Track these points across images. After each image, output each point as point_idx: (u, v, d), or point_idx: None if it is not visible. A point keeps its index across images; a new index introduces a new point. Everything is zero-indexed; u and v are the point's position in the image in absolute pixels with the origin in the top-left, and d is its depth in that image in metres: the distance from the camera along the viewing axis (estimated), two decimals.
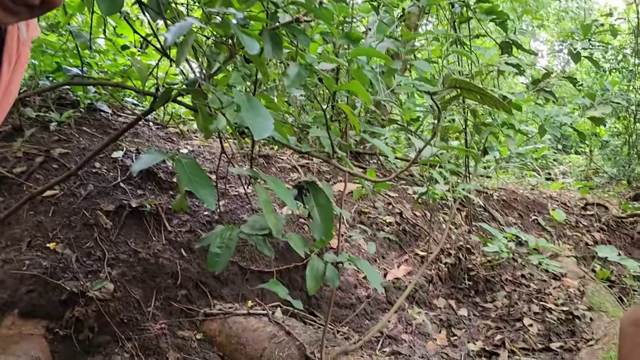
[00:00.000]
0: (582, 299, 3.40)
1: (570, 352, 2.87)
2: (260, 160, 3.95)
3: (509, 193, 5.01)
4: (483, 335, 3.15)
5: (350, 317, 3.02)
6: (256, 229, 1.80)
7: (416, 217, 3.93)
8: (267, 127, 1.27)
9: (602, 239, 4.62)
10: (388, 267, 3.42)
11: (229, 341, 2.51)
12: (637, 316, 0.89)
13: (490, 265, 3.77)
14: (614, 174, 7.14)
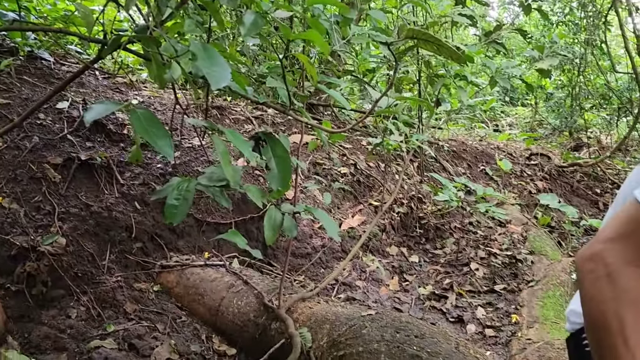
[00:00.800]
0: (524, 244, 3.59)
1: (512, 293, 3.05)
2: (213, 111, 3.88)
3: (459, 144, 5.15)
4: (433, 279, 3.30)
5: (306, 266, 3.09)
6: (213, 181, 1.79)
7: (370, 168, 4.00)
8: (225, 76, 1.24)
9: (545, 187, 4.85)
10: (343, 217, 3.49)
11: (187, 292, 2.53)
12: (593, 251, 0.92)
13: (440, 213, 3.91)
14: (557, 125, 7.42)
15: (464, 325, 2.79)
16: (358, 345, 1.80)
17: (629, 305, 0.86)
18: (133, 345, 2.11)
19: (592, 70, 6.63)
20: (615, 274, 0.88)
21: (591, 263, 0.91)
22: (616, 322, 0.85)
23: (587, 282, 0.91)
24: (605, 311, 0.87)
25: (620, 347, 0.84)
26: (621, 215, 0.93)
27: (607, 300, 0.87)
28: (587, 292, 0.92)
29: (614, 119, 6.65)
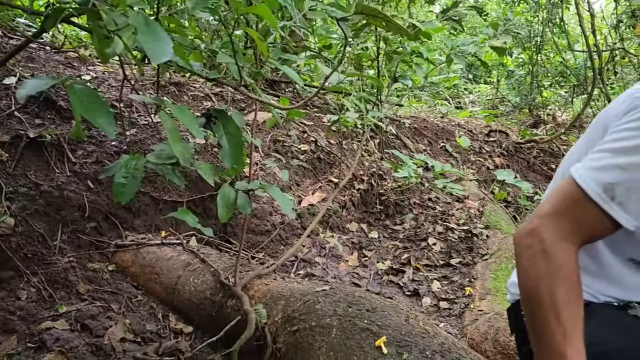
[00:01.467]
0: (480, 219, 3.68)
1: (467, 266, 3.14)
2: (171, 88, 3.80)
3: (420, 121, 5.19)
4: (391, 255, 3.36)
5: (265, 243, 3.09)
6: (163, 158, 1.76)
7: (331, 145, 4.00)
8: (166, 51, 1.21)
9: (502, 163, 4.96)
10: (303, 194, 3.50)
11: (143, 271, 2.51)
12: (530, 227, 0.94)
13: (400, 189, 3.96)
14: (517, 103, 7.56)
15: (420, 298, 2.86)
16: (311, 320, 1.83)
17: (562, 281, 0.88)
18: (86, 326, 2.08)
19: (550, 48, 6.75)
20: (550, 249, 0.90)
21: (528, 238, 0.94)
22: (548, 297, 0.88)
23: (523, 258, 0.94)
24: (539, 286, 0.89)
25: (552, 322, 0.87)
26: (558, 191, 0.95)
27: (541, 275, 0.90)
28: (522, 267, 0.94)
29: (570, 96, 6.81)
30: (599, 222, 0.90)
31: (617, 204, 0.87)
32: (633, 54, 5.84)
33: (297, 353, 1.77)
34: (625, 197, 0.86)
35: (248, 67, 2.20)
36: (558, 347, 0.86)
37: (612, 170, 0.88)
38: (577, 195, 0.90)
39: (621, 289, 1.10)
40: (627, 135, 0.89)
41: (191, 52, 2.12)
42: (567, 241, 0.90)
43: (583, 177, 0.90)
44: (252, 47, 3.37)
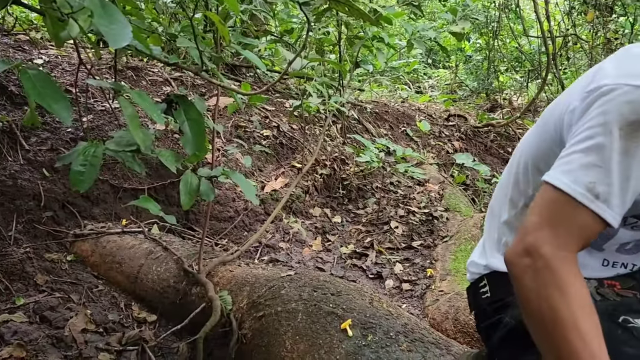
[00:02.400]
0: (441, 202, 3.76)
1: (428, 249, 3.21)
2: (128, 72, 3.70)
3: (381, 106, 5.24)
4: (355, 239, 3.40)
5: (228, 230, 3.08)
6: (123, 145, 1.72)
7: (293, 130, 4.00)
8: (125, 35, 1.18)
9: (461, 147, 5.07)
10: (265, 180, 3.49)
11: (103, 260, 2.46)
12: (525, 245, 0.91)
13: (362, 174, 4.00)
14: (474, 87, 7.71)
15: (383, 281, 2.91)
16: (277, 305, 1.84)
17: (576, 296, 0.85)
18: (45, 318, 2.03)
19: (506, 33, 6.90)
20: (553, 264, 0.86)
21: (526, 258, 0.89)
22: (569, 316, 0.83)
23: (527, 279, 0.88)
24: (556, 307, 0.84)
25: (577, 341, 0.82)
26: (540, 202, 0.93)
27: (552, 292, 0.85)
28: (528, 289, 0.89)
29: (525, 81, 6.99)
30: (590, 224, 0.88)
31: (602, 201, 0.86)
32: (584, 40, 6.03)
33: (263, 338, 1.79)
34: (607, 193, 0.86)
35: (208, 51, 2.17)
36: (573, 344, 0.82)
37: (588, 169, 0.87)
38: (562, 200, 0.88)
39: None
40: (591, 133, 0.89)
41: (149, 35, 2.07)
42: (566, 251, 0.87)
43: (562, 181, 0.89)
44: (211, 30, 3.31)
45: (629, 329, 0.95)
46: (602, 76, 0.92)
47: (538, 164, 1.11)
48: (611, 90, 0.88)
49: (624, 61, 0.92)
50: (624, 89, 0.86)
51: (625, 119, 0.85)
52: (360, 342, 1.58)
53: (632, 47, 0.96)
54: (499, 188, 1.31)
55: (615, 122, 0.86)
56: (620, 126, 0.85)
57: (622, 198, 0.86)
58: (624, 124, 0.85)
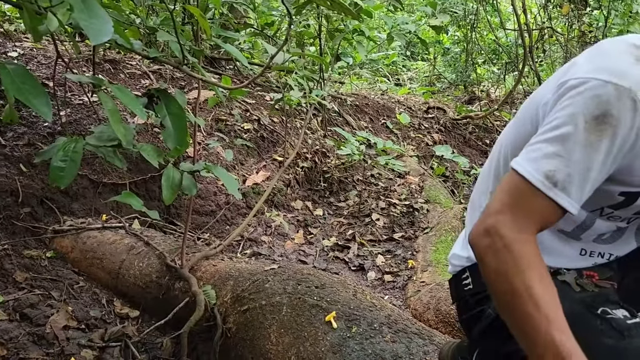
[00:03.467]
0: (421, 194, 3.80)
1: (409, 240, 3.25)
2: (106, 65, 3.64)
3: (362, 98, 5.25)
4: (336, 231, 3.42)
5: (210, 224, 3.07)
6: (104, 140, 1.71)
7: (274, 124, 3.99)
8: (105, 29, 1.16)
9: (440, 139, 5.12)
10: (247, 174, 3.48)
11: (84, 256, 2.43)
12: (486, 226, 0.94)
13: (343, 167, 4.01)
14: (453, 80, 7.77)
15: (365, 272, 2.94)
16: (261, 299, 1.84)
17: (532, 271, 0.88)
18: (25, 315, 2.01)
19: (484, 26, 6.96)
20: (512, 244, 0.90)
21: (487, 238, 0.93)
22: (524, 289, 0.87)
23: (488, 257, 0.93)
24: (512, 281, 0.88)
25: (534, 313, 0.86)
26: (504, 186, 0.96)
27: (511, 270, 0.89)
28: (489, 266, 0.93)
29: (502, 73, 7.08)
30: (547, 210, 0.91)
31: (560, 189, 0.89)
32: (560, 33, 6.13)
33: (248, 332, 1.79)
34: (567, 182, 0.89)
35: (188, 44, 2.15)
36: (546, 335, 0.85)
37: (550, 158, 0.90)
38: (523, 186, 0.92)
39: (552, 257, 1.17)
40: (557, 123, 0.91)
41: (128, 28, 2.04)
42: (525, 232, 0.91)
43: (525, 168, 0.92)
44: (190, 23, 3.28)
45: (608, 320, 0.98)
46: (575, 71, 0.94)
47: (516, 155, 1.13)
48: (581, 83, 0.90)
49: (595, 57, 0.95)
50: (593, 83, 0.89)
51: (591, 113, 0.88)
52: (345, 334, 1.60)
53: (604, 42, 0.99)
54: (479, 181, 1.33)
55: (581, 115, 0.88)
56: (585, 119, 0.88)
57: (581, 188, 0.90)
58: (589, 117, 0.88)
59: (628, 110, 0.86)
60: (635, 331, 0.95)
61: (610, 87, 0.87)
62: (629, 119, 0.87)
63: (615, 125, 0.87)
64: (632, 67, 0.89)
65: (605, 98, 0.87)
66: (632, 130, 0.88)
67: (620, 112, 0.86)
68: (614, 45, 0.95)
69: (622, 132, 0.88)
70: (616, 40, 0.97)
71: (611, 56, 0.93)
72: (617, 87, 0.87)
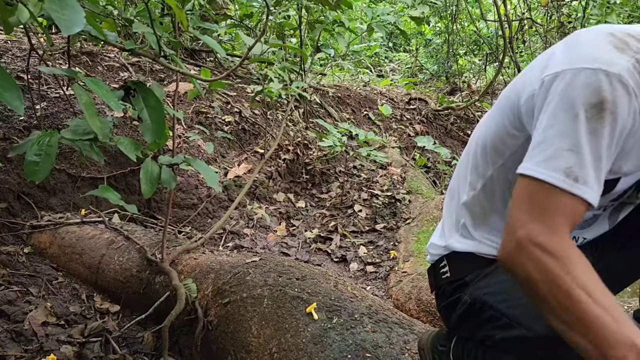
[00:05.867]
0: (403, 185, 3.82)
1: (391, 231, 3.26)
2: (83, 57, 3.59)
3: (344, 90, 5.24)
4: (319, 223, 3.42)
5: (192, 217, 3.05)
6: (80, 134, 1.68)
7: (255, 116, 3.97)
8: (77, 20, 1.14)
9: (422, 130, 5.14)
10: (229, 166, 3.46)
11: (63, 252, 2.41)
12: (518, 242, 0.91)
13: (325, 158, 4.01)
14: (435, 71, 7.80)
15: (347, 264, 2.95)
16: (242, 291, 1.84)
17: (581, 270, 0.86)
18: (3, 312, 1.98)
19: (465, 17, 6.99)
20: (552, 249, 0.87)
21: (522, 251, 0.90)
22: (582, 291, 0.84)
23: (531, 270, 0.88)
24: (566, 287, 0.85)
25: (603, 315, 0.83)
26: (522, 196, 0.93)
27: (561, 276, 0.86)
28: (536, 279, 0.88)
29: (483, 64, 7.12)
30: (574, 207, 0.89)
31: (582, 184, 0.88)
32: (539, 24, 6.17)
33: (229, 325, 1.79)
34: (585, 175, 0.88)
35: (166, 36, 2.12)
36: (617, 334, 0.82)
37: (563, 155, 0.89)
38: (544, 190, 0.89)
39: None
40: (558, 119, 0.91)
41: (104, 20, 2.01)
42: (560, 234, 0.89)
43: (540, 172, 0.90)
44: (169, 14, 3.23)
45: None
46: (557, 62, 0.94)
47: (496, 145, 1.14)
48: (569, 75, 0.90)
49: (576, 47, 0.95)
50: (583, 73, 0.89)
51: (588, 102, 0.87)
52: (326, 325, 1.61)
53: (581, 33, 0.99)
54: (457, 171, 1.34)
55: (580, 106, 0.88)
56: (585, 109, 0.87)
57: (598, 177, 0.89)
58: (588, 107, 0.87)
59: (623, 95, 0.87)
60: None
61: (601, 74, 0.87)
62: (626, 103, 0.88)
63: (614, 110, 0.87)
64: (615, 55, 0.90)
65: (599, 85, 0.87)
66: (630, 114, 0.89)
67: (616, 98, 0.87)
68: (591, 35, 0.96)
69: (621, 117, 0.88)
70: (592, 30, 0.97)
71: (592, 45, 0.93)
72: (608, 74, 0.87)
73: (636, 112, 0.89)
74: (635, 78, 0.88)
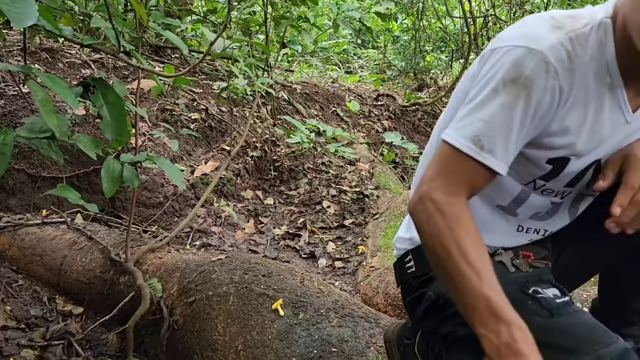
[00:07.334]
0: (371, 180, 3.84)
1: (359, 226, 3.28)
2: (42, 54, 3.49)
3: (312, 86, 5.24)
4: (287, 220, 3.41)
5: (157, 216, 3.01)
6: (36, 132, 1.63)
7: (222, 113, 3.93)
8: (29, 14, 1.11)
9: (390, 126, 5.18)
10: (195, 164, 3.42)
11: (23, 254, 2.34)
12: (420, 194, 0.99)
13: (293, 155, 4.00)
14: (403, 67, 7.86)
15: (316, 260, 2.95)
16: (208, 290, 1.82)
17: (463, 230, 0.94)
18: None
19: (431, 14, 7.06)
20: (443, 207, 0.96)
21: (420, 204, 0.99)
22: (455, 247, 0.93)
23: (422, 222, 0.99)
24: (444, 241, 0.94)
25: (466, 269, 0.91)
26: (436, 157, 1.02)
27: (443, 231, 0.94)
28: (424, 231, 0.98)
29: (450, 61, 7.21)
30: (477, 173, 0.97)
31: (487, 152, 0.94)
32: (503, 20, 6.28)
33: (195, 323, 1.77)
34: (492, 144, 0.94)
35: (128, 32, 2.08)
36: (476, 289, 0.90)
37: (475, 123, 0.95)
38: (452, 154, 0.97)
39: (491, 236, 1.20)
40: (479, 90, 0.97)
41: (62, 15, 1.96)
42: (455, 196, 0.97)
43: (453, 137, 0.97)
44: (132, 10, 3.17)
45: (538, 299, 1.02)
46: (498, 40, 1.00)
47: None
48: (502, 52, 0.96)
49: (515, 28, 1.00)
50: (507, 49, 0.95)
51: (507, 76, 0.93)
52: (292, 321, 1.61)
53: (528, 17, 1.04)
54: (421, 165, 1.35)
55: (500, 80, 0.94)
56: (503, 82, 0.93)
57: (506, 149, 0.96)
58: (507, 80, 0.93)
59: (541, 72, 0.92)
60: (563, 309, 0.99)
61: (523, 50, 0.93)
62: (542, 79, 0.92)
63: (529, 86, 0.92)
64: (547, 33, 0.94)
65: (519, 61, 0.92)
66: (547, 90, 0.93)
67: (534, 74, 0.92)
68: (534, 17, 1.01)
69: (537, 93, 0.93)
70: (538, 14, 1.03)
71: (529, 26, 0.98)
72: (530, 50, 0.92)
73: (555, 89, 0.94)
74: (561, 55, 0.92)
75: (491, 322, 0.88)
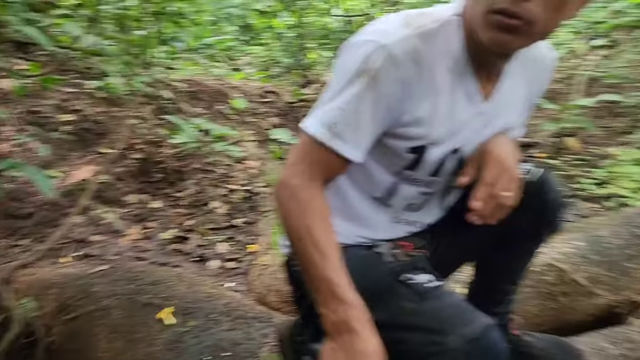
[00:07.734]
0: (260, 178, 3.83)
1: (250, 225, 3.26)
2: None
3: (196, 84, 5.10)
4: (175, 223, 3.30)
5: (29, 228, 2.76)
6: None
7: (99, 114, 3.69)
8: None
9: (278, 123, 5.19)
10: (70, 169, 3.19)
11: None
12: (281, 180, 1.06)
13: (179, 156, 3.87)
14: (289, 64, 7.90)
15: (207, 262, 2.89)
16: (89, 304, 1.72)
17: (313, 214, 1.01)
18: None
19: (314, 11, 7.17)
20: (298, 193, 1.02)
21: (280, 189, 1.05)
22: (305, 231, 0.99)
23: (281, 207, 1.04)
24: (296, 225, 1.00)
25: (315, 253, 0.98)
26: (296, 145, 1.08)
27: (295, 215, 1.01)
28: (281, 214, 1.04)
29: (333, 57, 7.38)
30: (331, 160, 1.04)
31: (339, 139, 1.01)
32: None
33: (75, 342, 1.66)
34: (345, 132, 1.01)
35: None
36: (320, 272, 0.98)
37: (331, 111, 1.02)
38: (309, 141, 1.04)
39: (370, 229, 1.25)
40: (333, 81, 1.05)
41: None
42: (311, 182, 1.03)
43: (310, 125, 1.04)
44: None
45: (410, 285, 1.08)
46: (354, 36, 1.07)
47: None
48: (355, 46, 1.03)
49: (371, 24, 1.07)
50: (363, 44, 1.01)
51: (359, 68, 1.00)
52: (181, 329, 1.56)
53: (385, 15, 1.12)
54: None
55: (352, 72, 1.01)
56: (355, 74, 1.01)
57: (358, 137, 1.03)
58: (358, 73, 1.00)
59: (388, 65, 0.99)
60: (431, 293, 1.06)
61: (374, 44, 0.99)
62: (391, 71, 0.99)
63: (378, 77, 0.99)
64: (396, 29, 1.01)
65: (369, 54, 0.99)
66: (395, 82, 1.01)
67: (381, 67, 0.99)
68: (389, 16, 1.07)
69: (385, 84, 1.00)
70: (394, 13, 1.10)
71: (383, 22, 1.05)
72: (377, 44, 0.99)
73: (403, 81, 1.01)
74: (408, 49, 1.00)
75: (331, 303, 0.96)
